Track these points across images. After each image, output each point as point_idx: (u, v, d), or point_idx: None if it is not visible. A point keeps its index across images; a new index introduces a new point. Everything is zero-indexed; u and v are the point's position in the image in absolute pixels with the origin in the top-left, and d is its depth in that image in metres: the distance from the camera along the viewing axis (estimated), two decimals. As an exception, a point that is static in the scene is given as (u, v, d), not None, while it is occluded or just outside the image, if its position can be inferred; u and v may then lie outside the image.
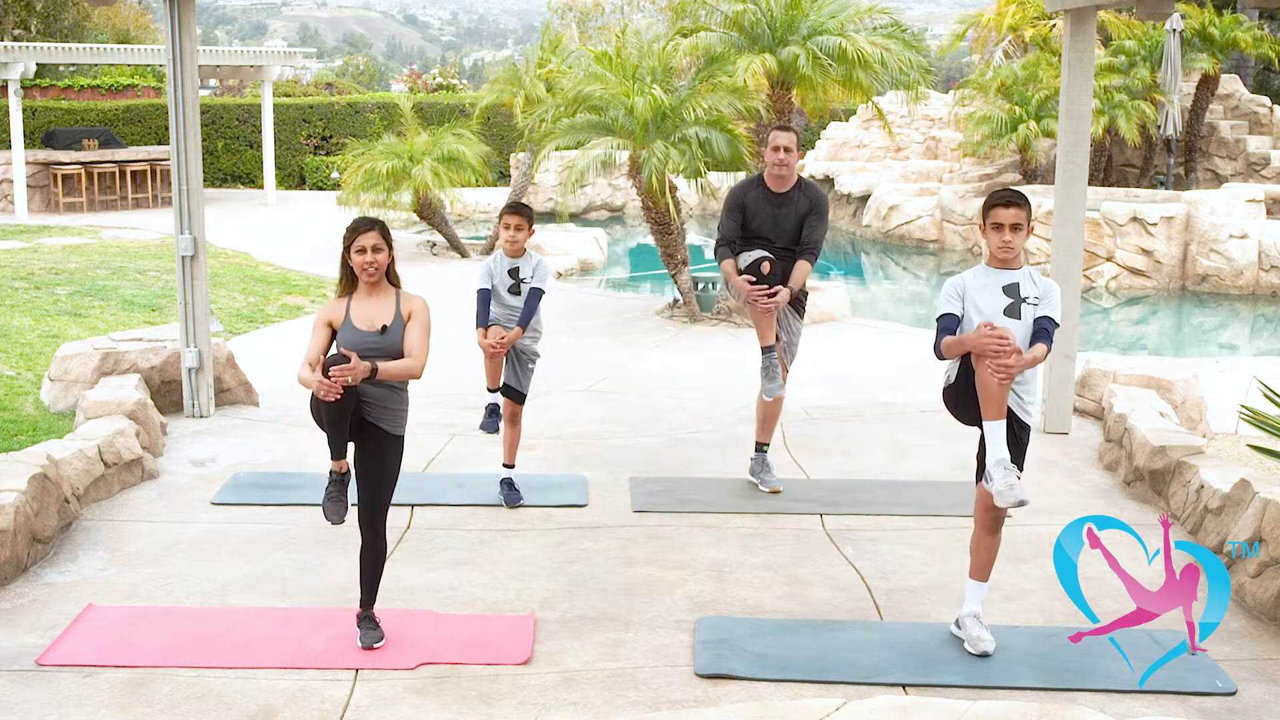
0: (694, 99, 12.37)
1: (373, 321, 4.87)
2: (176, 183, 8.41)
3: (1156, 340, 14.81)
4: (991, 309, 4.82)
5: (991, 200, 4.86)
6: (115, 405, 7.47)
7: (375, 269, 4.88)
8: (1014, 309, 4.82)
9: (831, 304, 13.22)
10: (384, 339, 4.84)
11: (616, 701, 4.57)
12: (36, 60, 23.10)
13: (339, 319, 4.91)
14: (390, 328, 4.86)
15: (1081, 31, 8.32)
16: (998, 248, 4.84)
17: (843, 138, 25.76)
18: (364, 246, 4.85)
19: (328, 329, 4.91)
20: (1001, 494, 4.78)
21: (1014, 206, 4.80)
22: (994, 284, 4.87)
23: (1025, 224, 4.82)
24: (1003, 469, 4.78)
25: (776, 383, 6.77)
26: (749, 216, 6.72)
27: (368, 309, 4.90)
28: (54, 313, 11.92)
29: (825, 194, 6.96)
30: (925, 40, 18.73)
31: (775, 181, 6.72)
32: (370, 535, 4.95)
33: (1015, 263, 4.88)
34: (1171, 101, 20.65)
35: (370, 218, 4.97)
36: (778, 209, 6.70)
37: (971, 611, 5.02)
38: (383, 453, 4.92)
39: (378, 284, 4.93)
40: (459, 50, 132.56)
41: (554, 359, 11.06)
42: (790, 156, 6.63)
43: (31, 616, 5.28)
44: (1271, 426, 6.32)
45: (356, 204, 16.63)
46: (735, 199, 6.76)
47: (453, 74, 37.03)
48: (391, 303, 4.93)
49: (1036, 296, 4.85)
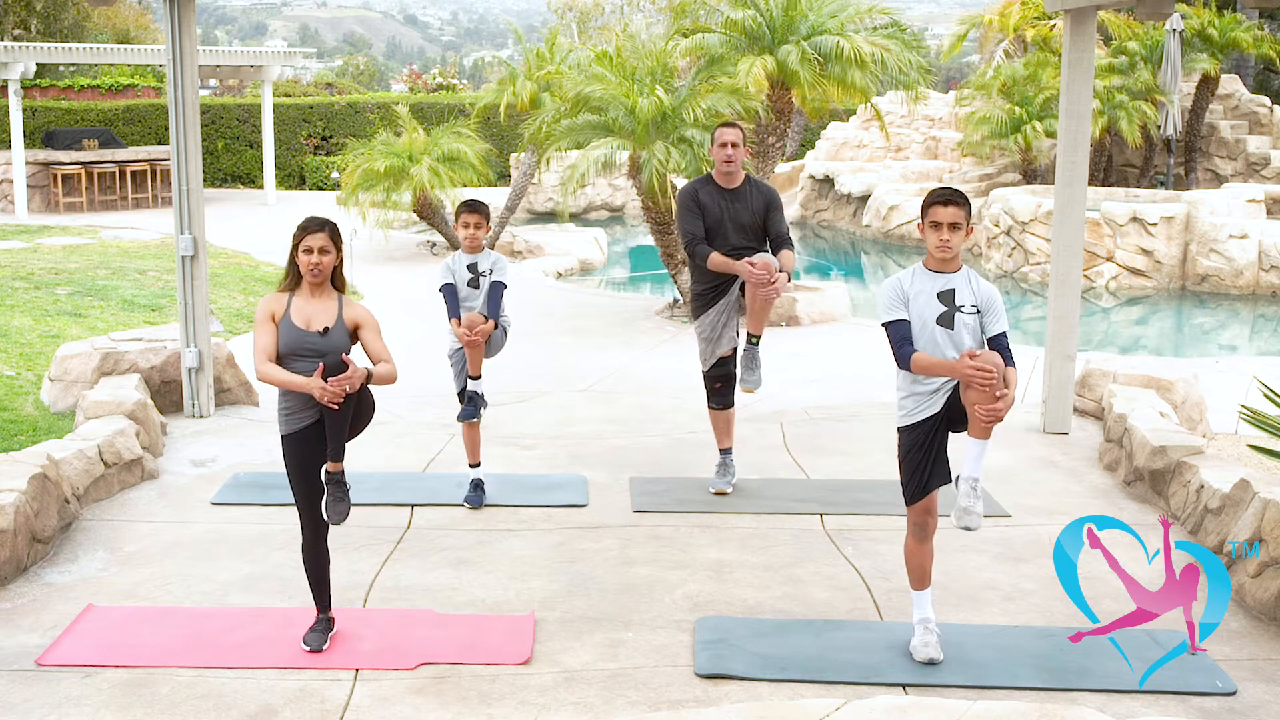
0: (694, 99, 12.38)
1: (311, 322, 4.83)
2: (176, 183, 8.40)
3: (1156, 340, 14.81)
4: (925, 316, 4.70)
5: (930, 198, 4.73)
6: (115, 405, 7.47)
7: (320, 271, 4.84)
8: (947, 318, 4.69)
9: (831, 304, 13.22)
10: (325, 341, 4.81)
11: (616, 701, 4.57)
12: (36, 60, 23.09)
13: (279, 313, 4.86)
14: (332, 330, 4.83)
15: (1081, 31, 8.32)
16: (935, 247, 4.70)
17: (843, 138, 25.76)
18: (311, 247, 4.82)
19: (272, 322, 4.85)
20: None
21: (953, 205, 4.67)
22: (929, 289, 4.73)
23: (964, 223, 4.68)
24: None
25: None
26: (704, 213, 6.70)
27: (308, 309, 4.87)
28: (54, 313, 11.92)
29: (774, 188, 6.99)
30: (925, 40, 18.73)
31: (724, 178, 6.73)
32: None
33: (954, 264, 4.75)
34: (1172, 101, 20.64)
35: (321, 218, 4.91)
36: (732, 204, 6.70)
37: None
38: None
39: (321, 286, 4.90)
40: (459, 50, 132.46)
41: (554, 359, 11.08)
42: (737, 152, 6.66)
43: (31, 616, 5.28)
44: (1271, 426, 6.32)
45: (356, 204, 16.64)
46: (689, 198, 6.75)
47: (452, 74, 37.01)
48: (334, 307, 4.90)
49: (974, 305, 4.71)
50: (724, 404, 7.01)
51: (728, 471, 7.12)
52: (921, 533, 4.92)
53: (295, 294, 4.90)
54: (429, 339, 6.77)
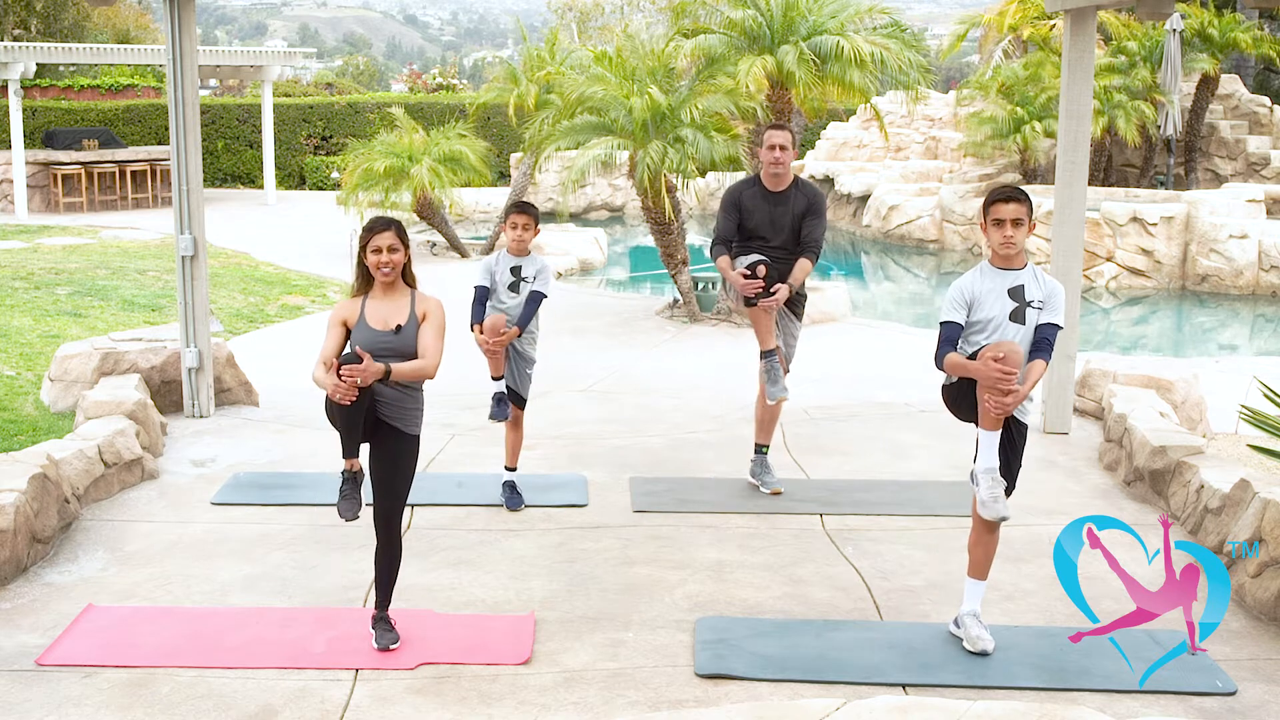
0: (692, 100, 12.39)
1: (387, 321, 4.87)
2: (176, 183, 8.41)
3: (1156, 340, 14.81)
4: (998, 314, 4.78)
5: (992, 196, 4.83)
6: (115, 405, 7.47)
7: (391, 269, 4.89)
8: (1019, 314, 4.78)
9: (831, 304, 13.22)
10: (398, 339, 4.84)
11: (616, 701, 4.57)
12: (36, 60, 23.10)
13: (354, 318, 4.91)
14: (405, 327, 4.86)
15: (1081, 31, 8.33)
16: (1000, 244, 4.80)
17: (842, 138, 25.76)
18: (379, 246, 4.87)
19: (342, 328, 4.90)
20: (985, 504, 4.80)
21: (1014, 202, 4.77)
22: (999, 287, 4.81)
23: (1027, 219, 4.78)
24: (990, 478, 4.78)
25: (779, 385, 6.75)
26: (745, 215, 6.70)
27: (382, 309, 4.91)
28: (54, 313, 11.92)
29: (823, 193, 6.96)
30: (925, 40, 18.72)
31: (771, 180, 6.71)
32: (385, 536, 4.94)
33: (1018, 260, 4.84)
34: (1171, 101, 20.64)
35: (387, 217, 4.97)
36: (775, 208, 6.68)
37: (971, 610, 5.02)
38: (397, 452, 4.91)
39: (393, 284, 4.94)
40: (459, 50, 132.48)
41: (554, 359, 11.07)
42: (786, 155, 6.62)
43: (31, 616, 5.28)
44: (1271, 426, 6.32)
45: (355, 204, 16.63)
46: (732, 198, 6.75)
47: (452, 74, 37.02)
48: (407, 303, 4.94)
49: (1041, 300, 4.80)
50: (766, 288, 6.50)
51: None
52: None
53: (369, 297, 4.94)
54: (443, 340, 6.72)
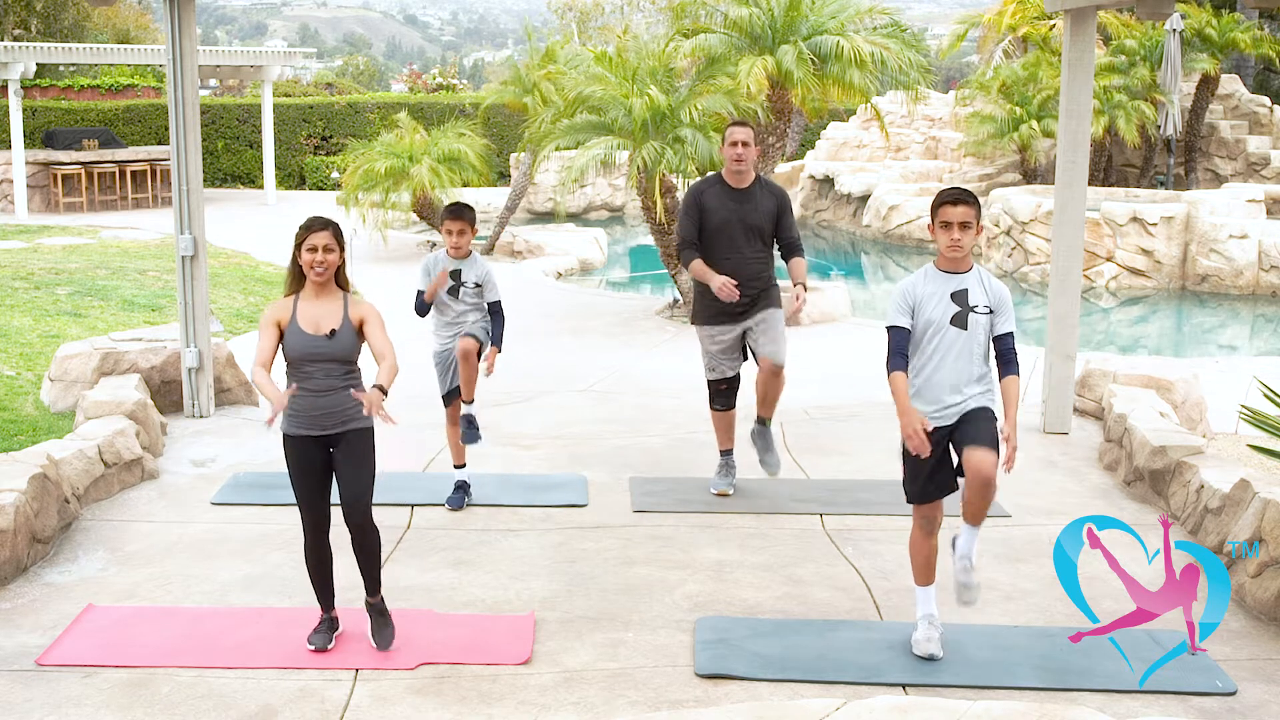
0: (692, 100, 12.38)
1: (319, 325, 4.81)
2: (176, 183, 8.41)
3: (1156, 340, 14.81)
4: (939, 318, 4.72)
5: (940, 199, 4.74)
6: (115, 405, 7.47)
7: (324, 269, 4.81)
8: (961, 318, 4.72)
9: (831, 304, 13.22)
10: (331, 344, 4.79)
11: (616, 701, 4.57)
12: (36, 60, 23.11)
13: (286, 320, 4.83)
14: (339, 332, 4.81)
15: (1081, 31, 8.32)
16: (947, 247, 4.72)
17: (842, 138, 25.75)
18: (315, 245, 4.80)
19: (276, 329, 4.82)
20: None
21: (963, 204, 4.67)
22: (942, 291, 4.75)
23: (975, 222, 4.69)
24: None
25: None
26: (709, 215, 6.61)
27: (314, 311, 4.84)
28: (54, 313, 11.92)
29: (784, 188, 6.94)
30: (925, 40, 18.71)
31: (734, 177, 6.66)
32: (360, 533, 4.91)
33: (965, 264, 4.77)
34: (1171, 101, 20.64)
35: (324, 217, 4.90)
36: (741, 205, 6.61)
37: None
38: (357, 450, 4.89)
39: (326, 285, 4.87)
40: (459, 50, 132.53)
41: (554, 359, 11.08)
42: (748, 151, 6.57)
43: (31, 616, 5.28)
44: (1271, 426, 6.32)
45: (356, 204, 16.62)
46: (693, 198, 6.69)
47: (453, 74, 37.02)
48: (339, 306, 4.86)
49: (987, 305, 4.74)
50: (726, 406, 7.00)
51: (729, 473, 7.10)
52: (928, 526, 4.94)
53: (300, 298, 4.87)
54: (428, 338, 6.76)
